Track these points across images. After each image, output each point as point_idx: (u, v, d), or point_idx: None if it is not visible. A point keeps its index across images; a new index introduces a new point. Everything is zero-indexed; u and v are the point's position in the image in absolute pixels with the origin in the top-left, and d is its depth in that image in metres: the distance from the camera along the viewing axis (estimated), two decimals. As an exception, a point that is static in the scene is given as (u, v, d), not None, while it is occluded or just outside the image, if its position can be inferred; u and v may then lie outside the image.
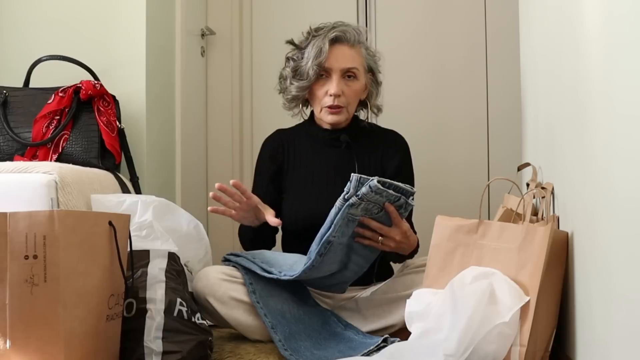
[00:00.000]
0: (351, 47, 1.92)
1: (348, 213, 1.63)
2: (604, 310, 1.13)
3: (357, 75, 1.93)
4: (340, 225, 1.63)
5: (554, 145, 1.63)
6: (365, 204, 1.64)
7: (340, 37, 1.91)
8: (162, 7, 2.45)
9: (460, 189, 2.86)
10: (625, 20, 0.98)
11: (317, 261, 1.67)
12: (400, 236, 1.72)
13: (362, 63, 1.94)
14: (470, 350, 1.35)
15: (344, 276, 1.79)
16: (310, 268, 1.68)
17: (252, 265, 1.77)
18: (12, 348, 1.27)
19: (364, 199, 1.62)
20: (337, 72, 1.90)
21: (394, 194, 1.65)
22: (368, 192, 1.60)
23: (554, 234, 1.43)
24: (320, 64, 1.88)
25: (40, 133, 1.99)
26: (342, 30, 1.91)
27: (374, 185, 1.60)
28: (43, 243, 1.28)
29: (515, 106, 2.52)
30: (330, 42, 1.89)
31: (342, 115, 1.93)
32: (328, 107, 1.92)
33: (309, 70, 1.90)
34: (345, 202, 1.62)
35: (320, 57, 1.88)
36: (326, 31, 1.90)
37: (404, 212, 1.70)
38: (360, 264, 1.78)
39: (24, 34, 2.31)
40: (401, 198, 1.66)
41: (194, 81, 2.82)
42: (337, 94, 1.90)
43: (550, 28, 1.68)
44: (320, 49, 1.88)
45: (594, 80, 1.17)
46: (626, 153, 0.97)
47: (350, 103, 1.94)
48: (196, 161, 2.86)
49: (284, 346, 1.63)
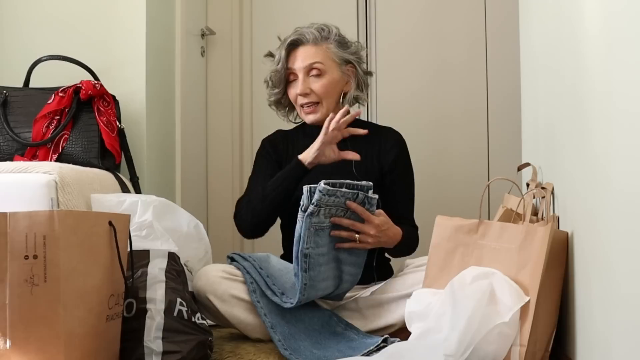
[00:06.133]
0: (313, 45, 1.97)
1: (311, 223, 1.64)
2: (604, 310, 1.13)
3: (323, 70, 1.96)
4: (308, 236, 1.64)
5: (554, 145, 1.63)
6: (324, 209, 1.65)
7: (298, 40, 1.97)
8: (162, 7, 2.45)
9: (460, 189, 2.86)
10: (625, 15, 0.98)
11: (306, 278, 1.67)
12: (375, 230, 1.73)
13: (328, 57, 1.97)
14: (470, 350, 1.35)
15: (341, 288, 1.80)
16: (304, 288, 1.67)
17: (257, 277, 1.78)
18: (12, 348, 1.27)
19: (320, 204, 1.63)
20: (301, 71, 1.96)
21: (349, 191, 1.66)
22: (321, 197, 1.62)
23: (554, 234, 1.43)
24: (278, 70, 1.98)
25: (40, 133, 1.99)
26: (300, 33, 1.98)
27: (323, 187, 1.61)
28: (43, 243, 1.28)
29: (515, 104, 2.52)
30: (289, 47, 1.97)
31: (318, 113, 1.97)
32: (301, 106, 1.98)
33: (274, 77, 2.00)
34: (304, 213, 1.64)
35: (278, 64, 1.98)
36: (287, 37, 1.99)
37: (370, 206, 1.72)
38: (352, 272, 1.78)
39: (24, 34, 2.31)
40: (359, 194, 1.68)
41: (194, 81, 2.82)
42: (303, 92, 1.96)
43: (550, 25, 1.68)
44: (281, 56, 1.97)
45: (594, 78, 1.17)
46: (627, 150, 0.97)
47: (323, 98, 1.97)
48: (196, 161, 2.86)
49: (283, 346, 1.64)
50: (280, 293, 1.75)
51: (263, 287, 1.76)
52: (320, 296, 1.77)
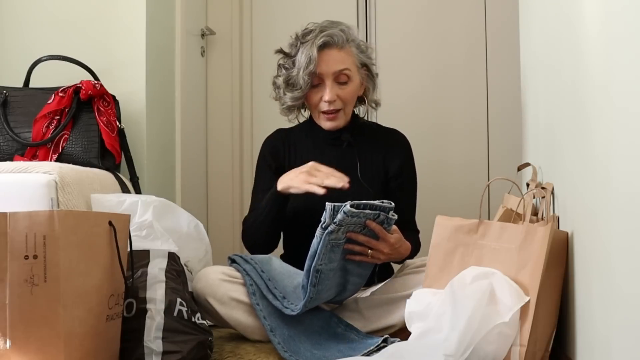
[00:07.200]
0: (340, 49, 1.91)
1: (330, 240, 1.63)
2: (604, 310, 1.13)
3: (350, 76, 1.92)
4: (324, 253, 1.63)
5: (554, 144, 1.63)
6: (345, 227, 1.63)
7: (328, 42, 1.90)
8: (162, 7, 2.45)
9: (460, 189, 2.86)
10: (625, 15, 0.98)
11: (313, 292, 1.67)
12: (389, 249, 1.72)
13: (353, 62, 1.94)
14: (470, 351, 1.35)
15: (342, 296, 1.80)
16: (309, 301, 1.67)
17: (258, 280, 1.77)
18: (12, 348, 1.27)
19: (342, 224, 1.61)
20: (329, 76, 1.90)
21: (371, 212, 1.64)
22: (344, 218, 1.60)
23: (554, 234, 1.43)
24: (311, 73, 1.88)
25: (40, 133, 1.99)
26: (329, 34, 1.90)
27: (348, 210, 1.59)
28: (43, 243, 1.28)
29: (515, 105, 2.52)
30: (319, 49, 1.88)
31: (339, 119, 1.94)
32: (324, 112, 1.93)
33: (300, 80, 1.89)
34: (324, 230, 1.62)
35: (310, 66, 1.87)
36: (313, 37, 1.89)
37: (388, 226, 1.70)
38: (356, 282, 1.78)
39: (24, 34, 2.31)
40: (380, 214, 1.65)
41: (194, 81, 2.82)
42: (332, 99, 1.90)
43: (550, 25, 1.68)
44: (310, 58, 1.87)
45: (594, 78, 1.17)
46: (627, 150, 0.97)
47: (346, 105, 1.94)
48: (196, 161, 2.86)
49: (283, 348, 1.64)
50: (282, 297, 1.74)
51: (264, 291, 1.75)
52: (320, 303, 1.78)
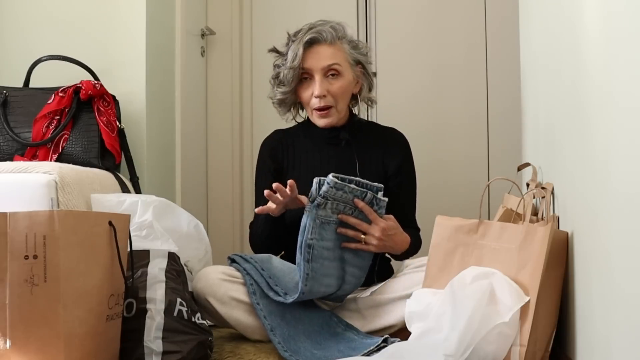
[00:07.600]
0: (330, 45, 1.92)
1: (318, 215, 1.67)
2: (604, 310, 1.13)
3: (340, 71, 1.93)
4: (313, 227, 1.67)
5: (553, 144, 1.63)
6: (331, 202, 1.68)
7: (316, 38, 1.92)
8: (162, 7, 2.45)
9: (460, 189, 2.86)
10: (625, 15, 0.98)
11: (308, 268, 1.68)
12: (380, 233, 1.73)
13: (345, 58, 1.94)
14: (470, 351, 1.35)
15: (343, 290, 1.80)
16: (306, 278, 1.69)
17: (259, 278, 1.78)
18: (12, 348, 1.27)
19: (328, 197, 1.66)
20: (319, 72, 1.91)
21: (358, 188, 1.69)
22: (329, 189, 1.65)
23: (554, 234, 1.43)
24: (294, 68, 1.90)
25: (40, 133, 1.99)
26: (317, 31, 1.92)
27: (331, 180, 1.65)
28: (43, 243, 1.28)
29: (515, 105, 2.53)
30: (306, 45, 1.90)
31: (332, 116, 1.95)
32: (316, 109, 1.94)
33: (287, 75, 1.92)
34: (311, 204, 1.67)
35: (294, 61, 1.90)
36: (302, 34, 1.92)
37: (378, 208, 1.73)
38: (356, 274, 1.79)
39: (24, 34, 2.31)
40: (367, 193, 1.70)
41: (194, 81, 2.82)
42: (321, 94, 1.91)
43: (550, 25, 1.68)
44: (296, 54, 1.90)
45: (594, 78, 1.17)
46: (627, 150, 0.97)
47: (338, 101, 1.94)
48: (196, 161, 2.86)
49: (283, 348, 1.64)
50: (284, 293, 1.75)
51: (265, 289, 1.76)
52: (321, 295, 1.77)
